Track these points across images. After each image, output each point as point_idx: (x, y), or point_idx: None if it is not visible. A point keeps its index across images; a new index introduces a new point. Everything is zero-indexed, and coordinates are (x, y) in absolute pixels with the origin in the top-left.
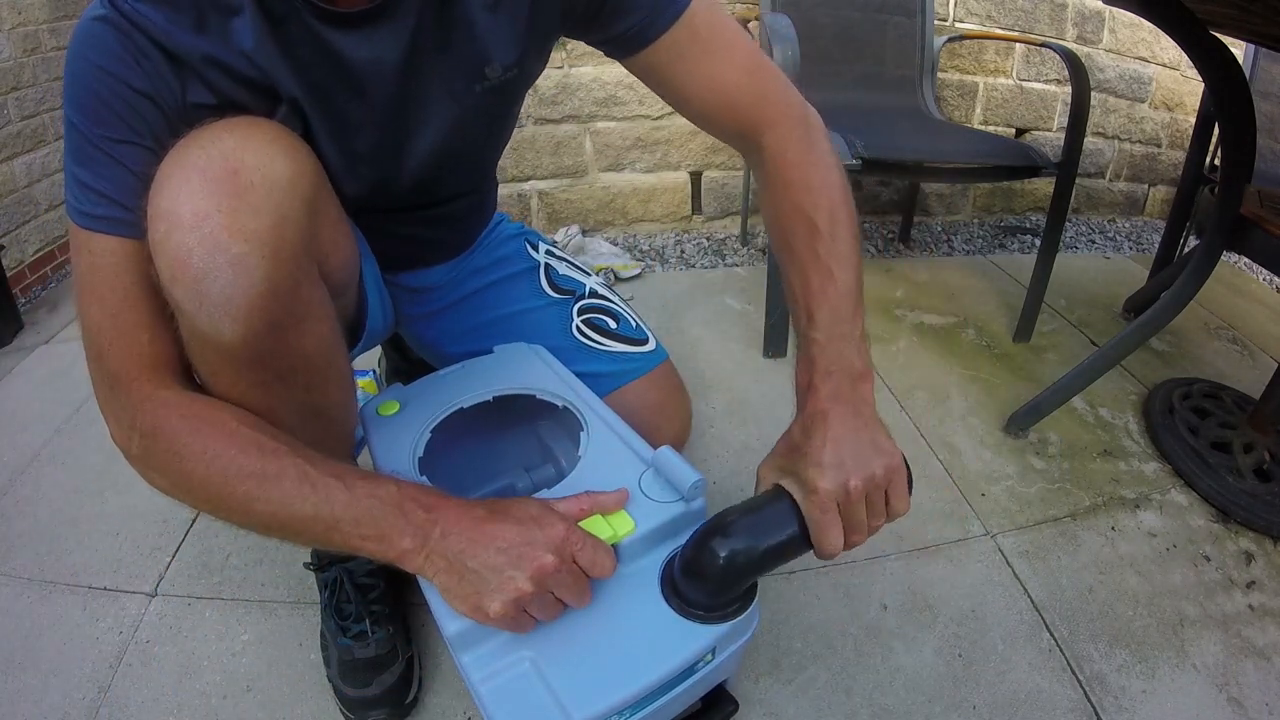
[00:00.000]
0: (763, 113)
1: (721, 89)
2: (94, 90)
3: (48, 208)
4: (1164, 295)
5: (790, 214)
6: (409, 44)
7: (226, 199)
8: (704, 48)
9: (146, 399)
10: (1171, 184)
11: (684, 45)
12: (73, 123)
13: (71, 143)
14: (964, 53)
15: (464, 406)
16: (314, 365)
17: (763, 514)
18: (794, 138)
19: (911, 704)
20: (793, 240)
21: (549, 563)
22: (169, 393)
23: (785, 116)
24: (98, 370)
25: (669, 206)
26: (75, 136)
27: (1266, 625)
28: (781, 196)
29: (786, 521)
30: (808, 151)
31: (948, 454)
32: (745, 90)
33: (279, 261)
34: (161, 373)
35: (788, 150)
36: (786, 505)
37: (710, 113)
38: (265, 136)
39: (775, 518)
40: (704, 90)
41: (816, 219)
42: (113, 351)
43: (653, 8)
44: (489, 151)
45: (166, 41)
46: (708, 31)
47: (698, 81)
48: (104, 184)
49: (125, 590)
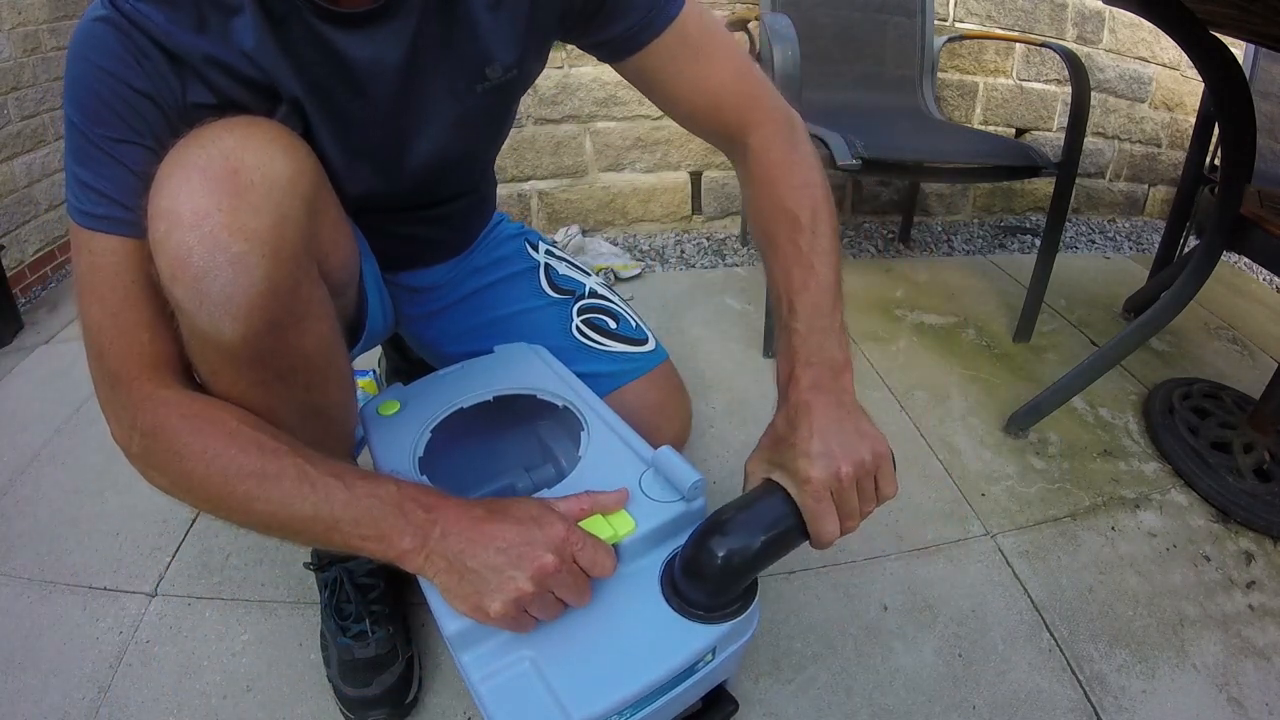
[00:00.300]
0: (749, 115)
1: (710, 91)
2: (94, 90)
3: (48, 208)
4: (1164, 295)
5: (774, 210)
6: (411, 44)
7: (226, 198)
8: (694, 52)
9: (147, 398)
10: (1171, 184)
11: (675, 49)
12: (73, 122)
13: (72, 142)
14: (964, 53)
15: (464, 406)
16: (314, 365)
17: (758, 509)
18: (778, 138)
19: (911, 704)
20: (776, 235)
21: (549, 563)
22: (169, 392)
23: (770, 119)
24: (98, 369)
25: (669, 206)
26: (76, 136)
27: (1266, 625)
28: (766, 193)
29: (782, 514)
30: (791, 151)
31: (948, 454)
32: (732, 93)
33: (279, 261)
34: (162, 372)
35: (771, 150)
36: (780, 498)
37: (698, 114)
38: (265, 136)
39: (771, 511)
40: (692, 93)
41: (800, 215)
42: (113, 350)
43: (648, 11)
44: (488, 151)
45: (167, 41)
46: (698, 36)
47: (687, 84)
48: (104, 184)
49: (125, 590)
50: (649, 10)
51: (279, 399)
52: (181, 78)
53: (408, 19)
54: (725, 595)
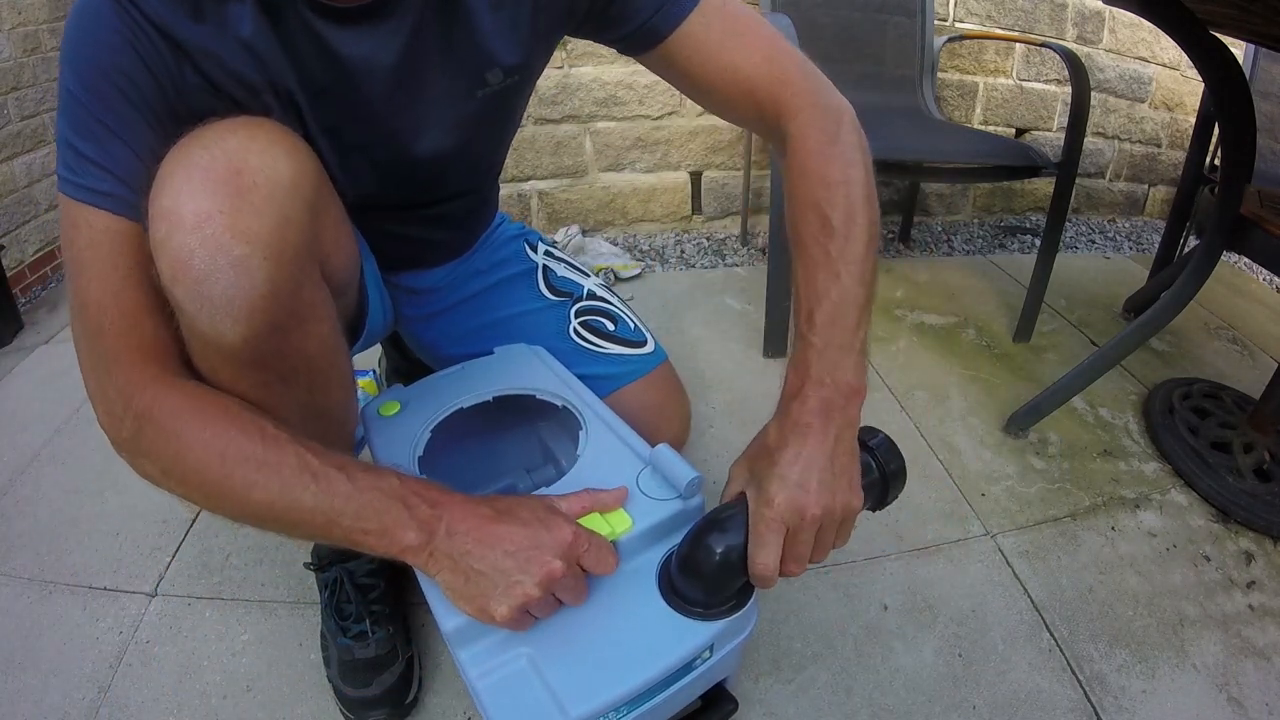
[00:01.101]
0: (785, 100)
1: (741, 80)
2: (95, 61)
3: (48, 208)
4: (1164, 295)
5: (804, 207)
6: (408, 43)
7: (229, 200)
8: (720, 38)
9: (150, 380)
10: (1171, 184)
11: (700, 37)
12: (71, 92)
13: (70, 112)
14: (964, 53)
15: (464, 407)
16: (316, 366)
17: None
18: (816, 126)
19: (911, 704)
20: (803, 235)
21: (557, 569)
22: (170, 376)
23: (809, 104)
24: (92, 348)
25: (669, 206)
26: (75, 106)
27: (1266, 625)
28: (798, 186)
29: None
30: (830, 143)
31: (948, 454)
32: (765, 77)
33: (281, 263)
34: (163, 358)
35: (808, 139)
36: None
37: (732, 103)
38: (269, 137)
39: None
40: (723, 82)
41: (832, 216)
42: (113, 329)
43: (662, 2)
44: (491, 153)
45: (164, 26)
46: (723, 21)
47: (715, 73)
48: (107, 159)
49: (125, 590)
50: (665, 1)
51: (280, 400)
52: (179, 62)
53: (406, 17)
54: (722, 592)
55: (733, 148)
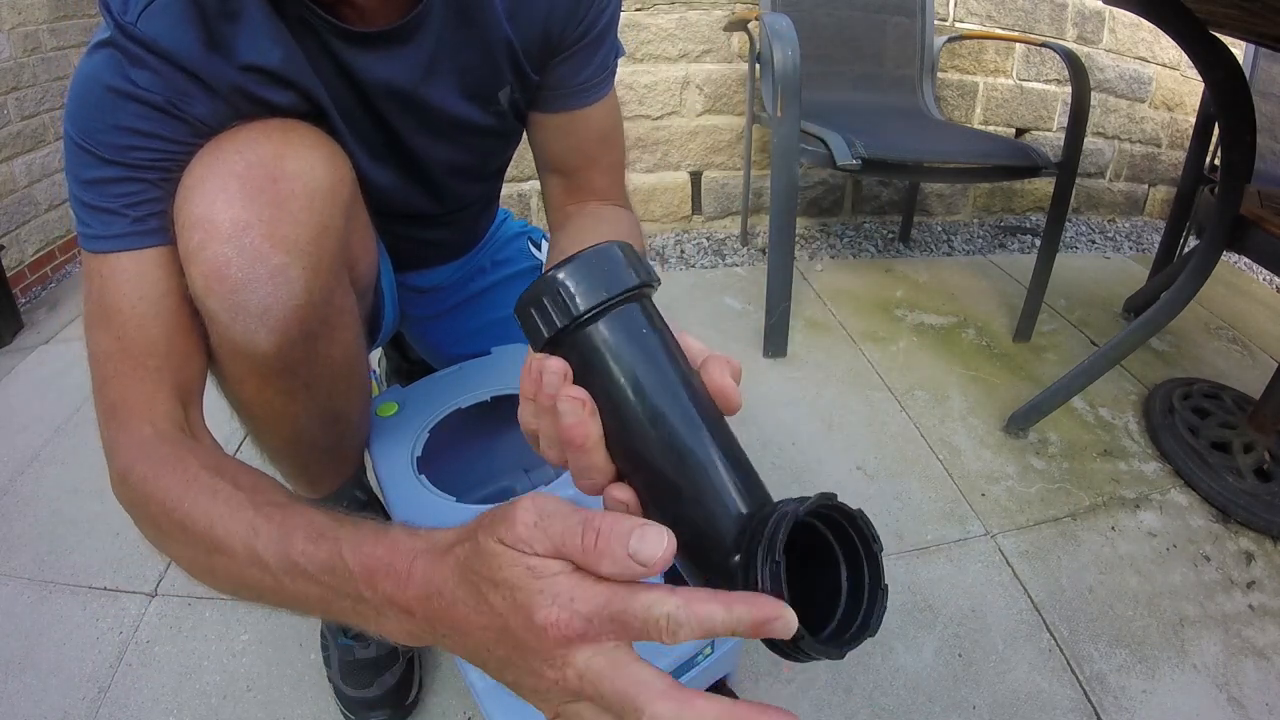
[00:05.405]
0: (589, 197)
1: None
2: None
3: (48, 208)
4: (1164, 295)
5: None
6: (427, 66)
7: (267, 209)
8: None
9: (128, 439)
10: (1171, 184)
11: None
12: (75, 142)
13: (75, 164)
14: (964, 53)
15: (462, 407)
16: (339, 373)
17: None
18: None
19: (911, 704)
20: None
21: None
22: (149, 430)
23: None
24: (99, 401)
25: (669, 206)
26: (79, 155)
27: (1266, 625)
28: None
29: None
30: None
31: (948, 454)
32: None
33: (318, 272)
34: (160, 403)
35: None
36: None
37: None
38: (305, 142)
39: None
40: (567, 166)
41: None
42: (116, 380)
43: (602, 74)
44: (501, 162)
45: (177, 60)
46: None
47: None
48: (110, 201)
49: (125, 590)
50: (603, 74)
51: (302, 406)
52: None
53: (424, 42)
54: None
55: (733, 148)
